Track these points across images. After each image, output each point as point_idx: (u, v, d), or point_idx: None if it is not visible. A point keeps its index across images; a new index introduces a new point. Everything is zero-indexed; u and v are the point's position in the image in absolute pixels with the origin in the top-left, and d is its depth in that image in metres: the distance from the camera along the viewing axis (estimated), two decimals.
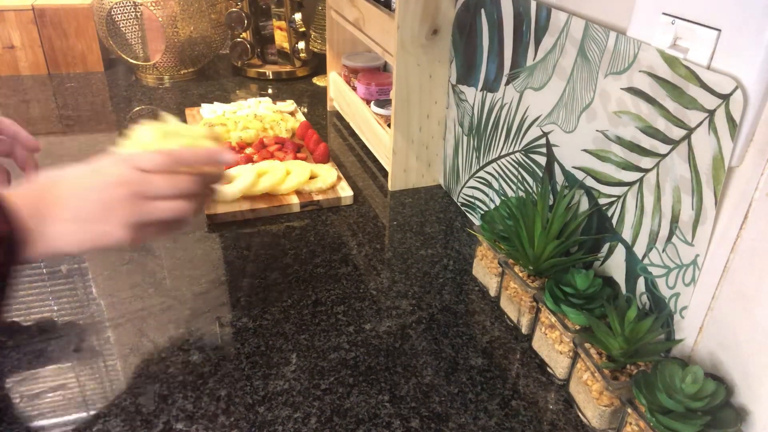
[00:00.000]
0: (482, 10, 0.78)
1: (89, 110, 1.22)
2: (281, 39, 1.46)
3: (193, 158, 0.55)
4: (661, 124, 0.52)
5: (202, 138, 0.62)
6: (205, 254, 0.78)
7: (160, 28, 1.33)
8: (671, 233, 0.53)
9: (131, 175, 0.50)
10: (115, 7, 1.33)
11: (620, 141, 0.57)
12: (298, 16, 1.38)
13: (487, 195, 0.84)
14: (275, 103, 1.22)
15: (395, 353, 0.63)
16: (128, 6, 1.35)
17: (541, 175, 0.71)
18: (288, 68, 1.47)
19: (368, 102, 1.09)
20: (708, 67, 0.47)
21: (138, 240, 0.52)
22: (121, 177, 0.50)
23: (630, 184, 0.57)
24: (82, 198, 0.49)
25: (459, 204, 0.93)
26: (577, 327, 0.57)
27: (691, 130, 0.49)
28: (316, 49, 1.49)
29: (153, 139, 0.61)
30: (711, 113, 0.47)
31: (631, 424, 0.51)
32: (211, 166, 0.56)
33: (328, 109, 1.29)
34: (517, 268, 0.66)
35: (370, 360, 0.62)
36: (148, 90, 1.36)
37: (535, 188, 0.73)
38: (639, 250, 0.57)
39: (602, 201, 0.61)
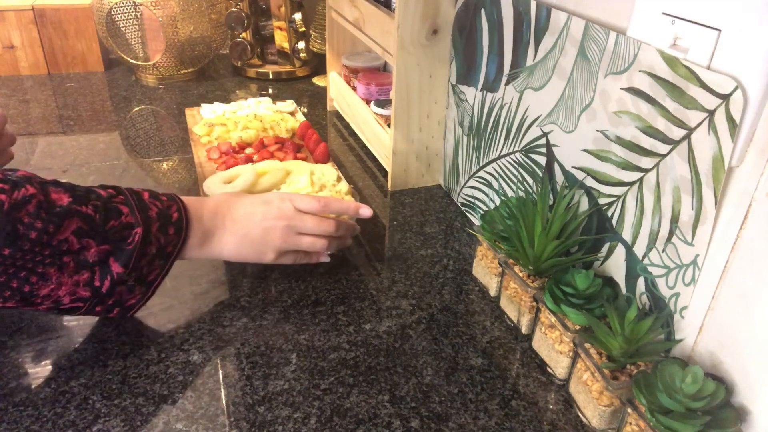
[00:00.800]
0: (482, 10, 0.78)
1: (89, 110, 1.22)
2: (281, 39, 1.46)
3: (338, 208, 0.70)
4: (661, 124, 0.52)
5: (345, 194, 0.83)
6: None
7: (160, 28, 1.33)
8: (671, 233, 0.53)
9: (290, 212, 0.66)
10: (115, 7, 1.33)
11: (620, 141, 0.57)
12: (298, 16, 1.38)
13: (487, 195, 0.84)
14: (275, 103, 1.22)
15: (395, 353, 0.63)
16: (128, 6, 1.35)
17: (541, 175, 0.71)
18: (288, 68, 1.47)
19: (368, 102, 1.09)
20: (708, 67, 0.47)
21: (279, 261, 0.68)
22: (283, 212, 0.66)
23: (630, 184, 0.57)
24: (251, 219, 0.65)
25: (459, 204, 0.93)
26: (577, 327, 0.57)
27: (691, 130, 0.49)
28: (316, 49, 1.49)
29: (306, 185, 0.83)
30: (711, 113, 0.47)
31: (631, 424, 0.51)
32: (349, 218, 0.73)
33: (328, 109, 1.29)
34: (517, 268, 0.66)
35: (370, 360, 0.62)
36: (148, 90, 1.36)
37: (535, 188, 0.73)
38: (639, 250, 0.57)
39: (602, 201, 0.61)
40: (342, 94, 1.19)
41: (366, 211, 0.71)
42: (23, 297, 0.53)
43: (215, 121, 1.08)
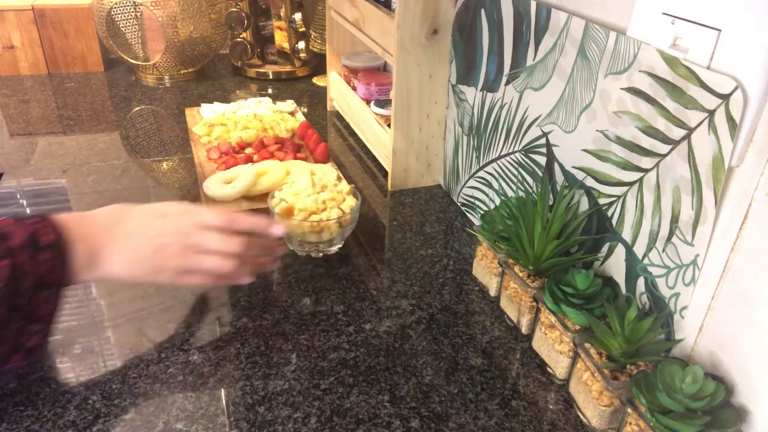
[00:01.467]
0: (482, 10, 0.78)
1: (89, 110, 1.22)
2: (281, 39, 1.46)
3: (247, 224, 0.61)
4: (661, 124, 0.52)
5: (346, 193, 0.79)
6: None
7: (160, 28, 1.33)
8: (671, 233, 0.53)
9: (189, 227, 0.58)
10: (115, 7, 1.33)
11: (620, 141, 0.57)
12: (298, 16, 1.38)
13: (487, 195, 0.84)
14: (275, 103, 1.22)
15: (395, 353, 0.63)
16: (128, 6, 1.35)
17: (541, 175, 0.71)
18: (288, 68, 1.47)
19: (368, 102, 1.09)
20: (708, 67, 0.47)
21: (182, 282, 0.59)
22: (180, 226, 0.57)
23: (630, 184, 0.57)
24: (142, 235, 0.56)
25: (459, 204, 0.93)
26: (577, 327, 0.57)
27: (691, 130, 0.49)
28: (316, 49, 1.49)
29: (307, 186, 0.78)
30: (711, 113, 0.47)
31: (631, 424, 0.51)
32: (264, 237, 0.64)
33: (328, 109, 1.29)
34: (517, 268, 0.66)
35: (370, 360, 0.62)
36: (147, 90, 1.36)
37: (535, 188, 0.73)
38: (639, 250, 0.57)
39: (602, 201, 0.61)
40: (342, 94, 1.19)
41: (277, 230, 0.63)
42: None
43: (215, 121, 1.08)
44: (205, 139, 1.04)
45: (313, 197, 0.78)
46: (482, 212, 0.80)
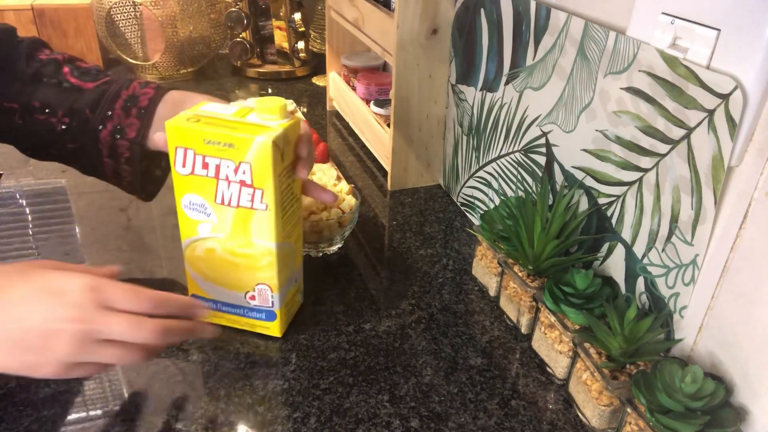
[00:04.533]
0: (482, 10, 0.78)
1: None
2: (281, 39, 1.46)
3: (173, 308, 0.49)
4: (660, 123, 0.52)
5: (346, 193, 0.76)
6: None
7: (160, 27, 1.32)
8: (671, 233, 0.53)
9: (89, 309, 0.44)
10: (115, 7, 1.32)
11: (620, 141, 0.57)
12: (297, 16, 1.38)
13: (486, 195, 0.84)
14: None
15: (395, 353, 0.63)
16: (127, 6, 1.35)
17: (540, 174, 0.71)
18: (287, 68, 1.47)
19: (368, 102, 1.09)
20: (707, 67, 0.47)
21: (66, 376, 0.46)
22: (78, 309, 0.44)
23: (629, 183, 0.57)
24: (24, 318, 0.43)
25: (458, 204, 0.93)
26: (577, 327, 0.57)
27: (690, 130, 0.49)
28: (315, 49, 1.49)
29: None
30: (710, 113, 0.47)
31: (630, 423, 0.51)
32: (186, 318, 0.51)
33: (328, 108, 1.29)
34: (516, 268, 0.66)
35: (370, 360, 0.62)
36: None
37: (534, 188, 0.73)
38: (638, 249, 0.57)
39: (602, 201, 0.61)
40: (341, 94, 1.19)
41: (201, 311, 0.52)
42: None
43: None
44: None
45: None
46: (482, 212, 0.80)
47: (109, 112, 0.63)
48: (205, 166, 0.53)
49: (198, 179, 0.54)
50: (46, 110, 0.63)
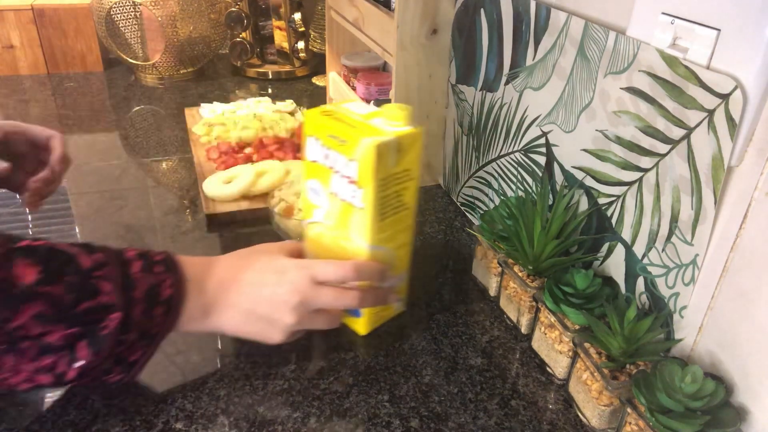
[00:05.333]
0: (482, 10, 0.78)
1: (88, 110, 1.22)
2: (281, 39, 1.46)
3: (368, 273, 0.57)
4: (660, 123, 0.52)
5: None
6: (205, 254, 0.78)
7: (160, 27, 1.32)
8: (671, 233, 0.53)
9: (305, 286, 0.54)
10: (114, 7, 1.33)
11: (620, 141, 0.57)
12: (297, 16, 1.38)
13: (486, 195, 0.84)
14: (275, 103, 1.22)
15: (395, 353, 0.63)
16: (127, 6, 1.35)
17: (540, 174, 0.71)
18: (287, 68, 1.47)
19: (368, 102, 1.09)
20: (707, 67, 0.47)
21: (287, 340, 0.57)
22: (296, 284, 0.54)
23: (629, 183, 0.57)
24: (257, 294, 0.55)
25: (458, 204, 0.93)
26: (577, 327, 0.57)
27: (690, 130, 0.49)
28: (315, 49, 1.49)
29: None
30: (710, 113, 0.47)
31: (630, 423, 0.51)
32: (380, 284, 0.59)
33: None
34: (516, 268, 0.66)
35: (370, 360, 0.62)
36: (147, 90, 1.36)
37: (534, 188, 0.73)
38: (638, 249, 0.57)
39: (602, 201, 0.61)
40: (341, 94, 1.19)
41: (391, 278, 0.60)
42: None
43: (214, 121, 1.08)
44: (204, 138, 1.04)
45: None
46: (482, 212, 0.80)
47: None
48: (326, 156, 0.57)
49: (319, 167, 0.58)
50: None
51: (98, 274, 0.48)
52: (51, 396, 0.56)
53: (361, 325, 0.64)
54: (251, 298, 0.55)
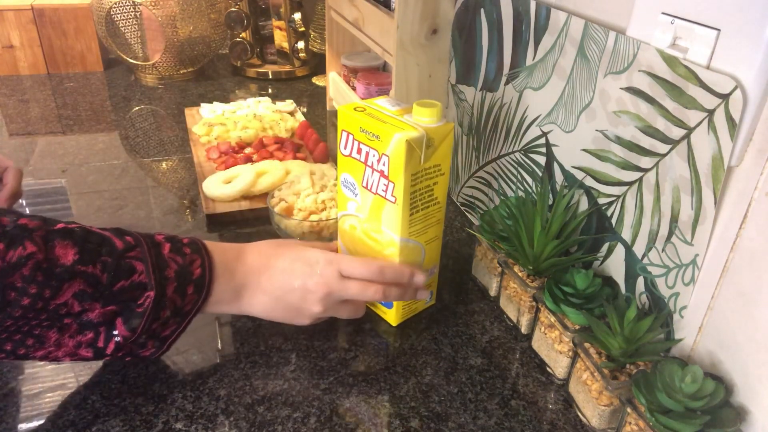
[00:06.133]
0: (482, 10, 0.78)
1: (88, 110, 1.22)
2: (281, 39, 1.46)
3: (391, 276, 0.60)
4: (660, 123, 0.52)
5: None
6: None
7: (160, 27, 1.32)
8: (671, 233, 0.53)
9: (332, 278, 0.58)
10: (114, 7, 1.33)
11: (620, 141, 0.57)
12: (297, 16, 1.38)
13: (486, 195, 0.84)
14: (275, 103, 1.22)
15: (395, 353, 0.63)
16: (127, 6, 1.35)
17: (540, 174, 0.71)
18: (287, 68, 1.47)
19: None
20: (707, 67, 0.47)
21: (312, 323, 0.61)
22: (325, 278, 0.57)
23: (629, 183, 0.57)
24: (289, 281, 0.58)
25: (458, 204, 0.93)
26: (577, 327, 0.57)
27: (690, 130, 0.49)
28: (315, 49, 1.49)
29: (307, 186, 0.77)
30: (710, 113, 0.47)
31: (630, 423, 0.51)
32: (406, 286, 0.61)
33: (328, 108, 1.29)
34: (516, 268, 0.66)
35: (370, 359, 0.62)
36: (147, 90, 1.36)
37: (534, 188, 0.73)
38: (638, 249, 0.57)
39: (602, 201, 0.61)
40: (341, 94, 1.19)
41: (419, 279, 0.61)
42: (18, 357, 0.49)
43: (214, 121, 1.08)
44: (204, 138, 1.04)
45: (313, 197, 0.78)
46: (482, 212, 0.80)
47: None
48: (359, 151, 0.59)
49: (352, 161, 0.60)
50: None
51: (132, 254, 0.51)
52: (51, 396, 0.56)
53: (391, 317, 0.66)
54: (282, 285, 0.58)
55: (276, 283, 0.58)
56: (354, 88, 1.15)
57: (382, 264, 0.59)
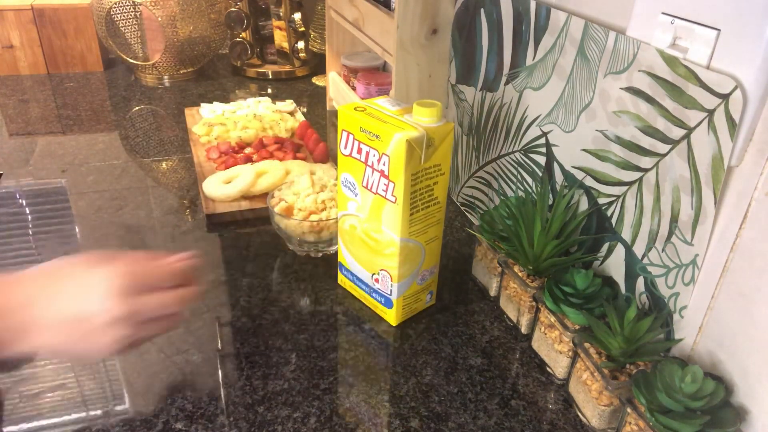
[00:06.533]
0: (482, 10, 0.78)
1: (88, 110, 1.22)
2: (281, 39, 1.46)
3: (179, 276, 0.52)
4: (660, 123, 0.52)
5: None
6: (205, 254, 0.78)
7: (160, 27, 1.32)
8: (670, 233, 0.53)
9: (127, 301, 0.48)
10: (114, 7, 1.33)
11: (620, 141, 0.57)
12: (297, 16, 1.38)
13: (486, 195, 0.84)
14: (275, 103, 1.22)
15: (395, 353, 0.63)
16: (127, 6, 1.35)
17: (540, 174, 0.71)
18: (287, 68, 1.47)
19: None
20: (707, 67, 0.47)
21: (125, 353, 0.50)
22: (118, 302, 0.47)
23: (629, 183, 0.57)
24: (76, 312, 0.47)
25: (458, 204, 0.93)
26: (577, 327, 0.57)
27: (690, 130, 0.49)
28: (315, 49, 1.49)
29: (307, 186, 0.78)
30: (710, 113, 0.47)
31: (630, 423, 0.51)
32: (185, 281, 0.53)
33: (328, 108, 1.29)
34: (516, 268, 0.66)
35: (370, 360, 0.62)
36: (147, 90, 1.36)
37: (534, 188, 0.73)
38: (638, 249, 0.57)
39: (602, 201, 0.61)
40: (341, 94, 1.19)
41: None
42: None
43: (214, 121, 1.08)
44: (204, 138, 1.04)
45: (313, 197, 0.78)
46: (482, 212, 0.80)
47: None
48: (359, 151, 0.60)
49: (353, 161, 0.61)
50: None
51: None
52: (51, 396, 0.56)
53: (391, 317, 0.66)
54: (70, 316, 0.47)
55: (59, 312, 0.47)
56: (354, 88, 1.15)
57: (170, 269, 0.51)
